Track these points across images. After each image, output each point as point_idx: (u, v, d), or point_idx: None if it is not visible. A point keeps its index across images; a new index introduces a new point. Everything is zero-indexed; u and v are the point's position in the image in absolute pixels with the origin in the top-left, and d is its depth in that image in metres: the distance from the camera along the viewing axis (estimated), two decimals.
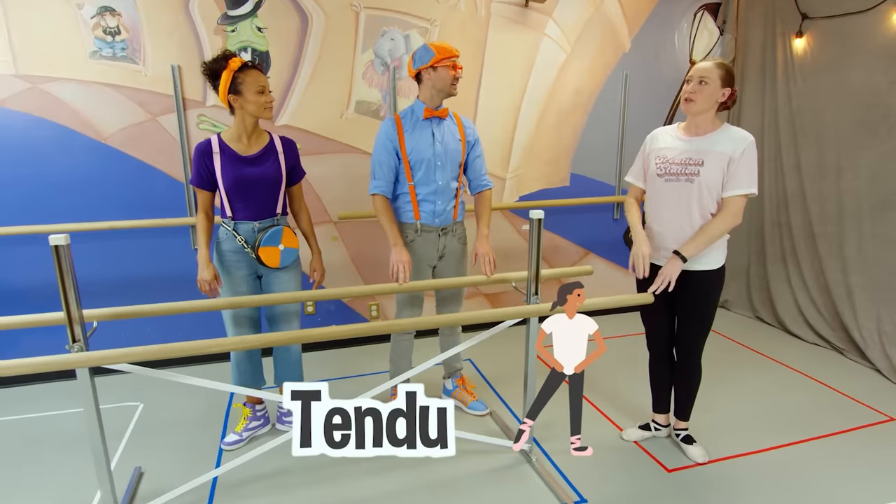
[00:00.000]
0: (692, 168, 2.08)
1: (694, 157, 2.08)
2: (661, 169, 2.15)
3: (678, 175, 2.11)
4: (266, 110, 2.25)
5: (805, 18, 3.50)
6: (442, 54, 2.34)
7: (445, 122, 2.48)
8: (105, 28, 2.90)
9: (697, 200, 2.11)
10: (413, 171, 2.44)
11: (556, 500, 2.13)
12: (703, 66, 2.06)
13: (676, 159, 2.12)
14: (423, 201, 2.47)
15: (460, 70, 2.40)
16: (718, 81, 2.04)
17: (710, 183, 2.07)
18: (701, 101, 2.05)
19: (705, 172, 2.06)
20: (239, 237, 2.30)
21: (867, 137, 3.19)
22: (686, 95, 2.08)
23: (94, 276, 3.10)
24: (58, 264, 1.67)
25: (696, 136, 2.12)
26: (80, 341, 1.75)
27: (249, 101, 2.20)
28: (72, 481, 2.28)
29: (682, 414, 2.45)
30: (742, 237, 4.09)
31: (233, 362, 2.44)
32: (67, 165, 2.98)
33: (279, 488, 2.23)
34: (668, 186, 2.14)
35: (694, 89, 2.06)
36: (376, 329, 2.02)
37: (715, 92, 2.04)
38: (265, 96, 2.23)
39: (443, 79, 2.37)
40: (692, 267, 2.17)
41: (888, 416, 2.72)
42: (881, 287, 3.17)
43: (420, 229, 2.50)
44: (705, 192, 2.09)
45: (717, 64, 2.06)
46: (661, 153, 2.18)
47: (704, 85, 2.04)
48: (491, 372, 3.22)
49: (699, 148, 2.08)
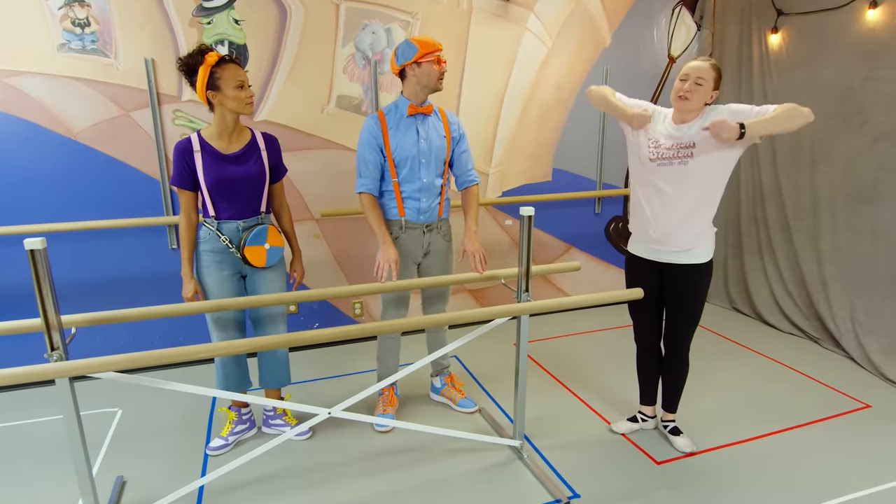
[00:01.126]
0: (685, 151, 2.10)
1: (684, 141, 2.11)
2: (654, 153, 2.16)
3: (671, 159, 2.12)
4: (247, 106, 2.18)
5: (780, 14, 3.56)
6: (426, 49, 2.30)
7: (430, 119, 2.45)
8: (74, 20, 2.78)
9: (693, 182, 2.10)
10: (397, 168, 2.40)
11: (548, 496, 2.14)
12: (700, 66, 2.07)
13: (667, 144, 2.14)
14: (407, 199, 2.44)
15: (445, 64, 2.37)
16: (712, 83, 2.07)
17: (706, 161, 2.07)
18: (695, 100, 2.07)
19: (698, 152, 2.07)
20: (223, 237, 2.24)
21: (841, 132, 3.27)
22: (682, 94, 2.08)
23: (66, 278, 2.98)
24: (34, 269, 1.59)
25: (684, 124, 2.14)
26: (60, 349, 1.67)
27: (229, 96, 2.13)
28: (50, 493, 2.19)
29: (669, 406, 2.49)
30: (719, 231, 4.11)
31: (218, 365, 2.38)
32: (35, 162, 2.85)
33: (269, 493, 2.18)
34: (662, 171, 2.15)
35: (690, 88, 2.07)
36: (365, 331, 1.98)
37: (708, 92, 2.08)
38: (245, 91, 2.16)
39: (428, 74, 2.33)
40: (681, 261, 2.19)
41: (864, 404, 2.80)
42: (854, 278, 3.26)
43: (404, 226, 2.47)
44: (700, 171, 2.08)
45: (713, 65, 2.08)
46: (655, 137, 2.18)
47: (700, 86, 2.06)
48: (478, 369, 3.21)
49: (688, 133, 2.11)
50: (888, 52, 3.01)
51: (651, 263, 2.28)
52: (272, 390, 2.53)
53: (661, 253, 2.23)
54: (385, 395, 2.70)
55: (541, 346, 3.52)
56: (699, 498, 2.13)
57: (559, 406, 2.81)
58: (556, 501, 2.11)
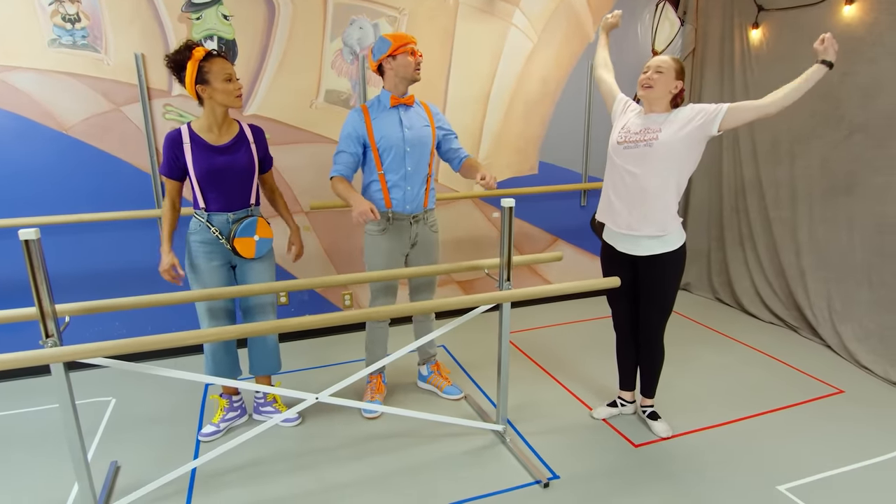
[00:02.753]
0: (651, 134, 2.20)
1: (652, 126, 2.22)
2: (622, 137, 2.28)
3: (637, 142, 2.22)
4: (236, 98, 2.24)
5: (761, 10, 3.63)
6: (399, 41, 2.39)
7: (412, 109, 2.53)
8: (64, 15, 2.81)
9: (657, 164, 2.18)
10: (382, 157, 2.46)
11: (529, 477, 2.22)
12: (661, 57, 2.24)
13: (635, 129, 2.26)
14: (393, 187, 2.49)
15: (420, 56, 2.44)
16: (673, 73, 2.19)
17: (670, 143, 2.16)
18: (658, 87, 2.19)
19: (664, 136, 2.17)
20: (213, 228, 2.30)
21: (818, 127, 3.35)
22: (645, 82, 2.21)
23: (59, 269, 3.03)
24: (28, 259, 1.65)
25: (652, 113, 2.25)
26: (54, 336, 1.73)
27: (218, 89, 2.19)
28: (45, 479, 2.25)
29: (647, 391, 2.57)
30: (702, 223, 4.25)
31: (208, 354, 2.44)
32: (28, 156, 2.89)
33: (259, 477, 2.25)
34: (627, 154, 2.25)
35: (652, 76, 2.20)
36: (351, 318, 2.05)
37: (670, 81, 2.19)
38: (233, 84, 2.22)
39: (404, 66, 2.40)
40: (653, 251, 2.27)
41: (838, 389, 2.90)
42: (831, 268, 3.35)
43: (392, 217, 2.53)
44: (664, 153, 2.17)
45: (672, 58, 2.23)
46: (627, 125, 2.30)
47: (661, 74, 2.18)
48: (464, 357, 3.29)
49: (656, 120, 2.23)
50: (864, 48, 3.08)
51: (624, 256, 2.36)
52: (262, 378, 2.59)
53: (631, 243, 2.31)
54: (373, 383, 2.77)
55: (526, 336, 3.60)
56: (673, 477, 2.22)
57: (543, 393, 2.89)
58: (536, 482, 2.19)
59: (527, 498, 2.12)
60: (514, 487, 2.17)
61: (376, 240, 2.56)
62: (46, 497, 2.15)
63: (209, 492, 2.17)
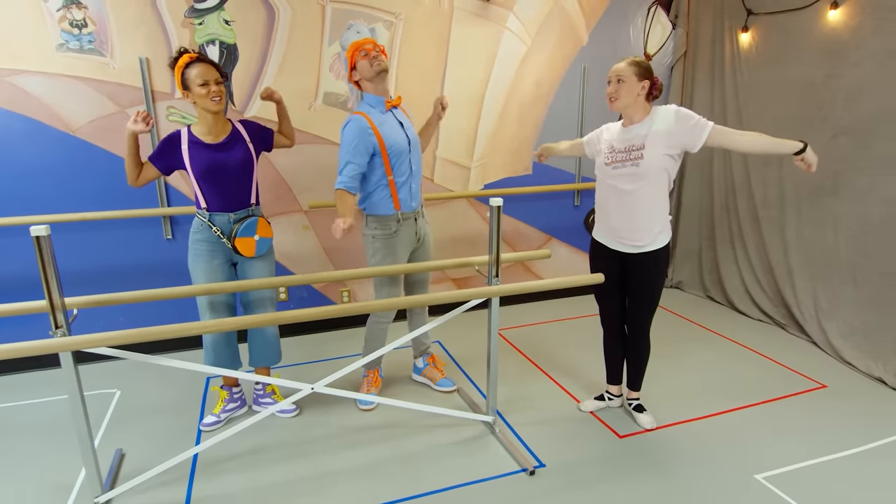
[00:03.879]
0: (636, 153, 2.26)
1: (636, 142, 2.27)
2: (609, 158, 2.34)
3: (624, 161, 2.29)
4: (211, 102, 2.27)
5: (750, 14, 3.71)
6: (351, 50, 2.50)
7: (398, 109, 2.62)
8: (71, 21, 2.92)
9: (646, 181, 2.27)
10: (391, 161, 2.51)
11: (516, 465, 2.31)
12: (618, 66, 2.26)
13: (620, 146, 2.32)
14: (401, 188, 2.57)
15: (374, 52, 2.47)
16: (634, 77, 2.22)
17: (654, 160, 2.24)
18: (623, 97, 2.24)
19: (648, 153, 2.24)
20: (215, 228, 2.40)
21: (804, 128, 3.43)
22: (609, 95, 2.27)
23: (66, 266, 3.13)
24: (39, 254, 1.75)
25: (633, 124, 2.31)
26: (63, 327, 1.83)
27: (194, 93, 2.28)
28: (54, 465, 2.36)
29: (633, 385, 2.66)
30: (694, 222, 4.33)
31: (209, 346, 2.53)
32: (36, 157, 3.00)
33: (257, 464, 2.35)
34: (617, 174, 2.32)
35: (614, 88, 2.25)
36: (347, 310, 2.14)
37: (633, 87, 2.23)
38: (208, 88, 2.26)
39: (363, 69, 2.48)
40: (638, 249, 2.36)
41: (821, 384, 2.98)
42: (817, 266, 3.43)
43: (401, 218, 2.60)
44: (652, 173, 2.26)
45: (630, 62, 2.24)
46: (609, 143, 2.37)
47: (622, 83, 2.23)
48: (459, 353, 3.38)
49: (638, 133, 2.28)
50: (848, 51, 3.16)
51: (613, 252, 2.45)
52: (262, 369, 2.69)
53: (621, 244, 2.40)
54: (370, 377, 2.87)
55: (519, 332, 3.69)
56: (654, 466, 2.31)
57: (533, 387, 2.98)
58: (523, 470, 2.28)
59: (513, 485, 2.21)
60: (501, 475, 2.26)
61: (388, 242, 2.60)
62: (55, 481, 2.26)
63: (209, 477, 2.27)
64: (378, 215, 2.58)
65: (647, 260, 2.37)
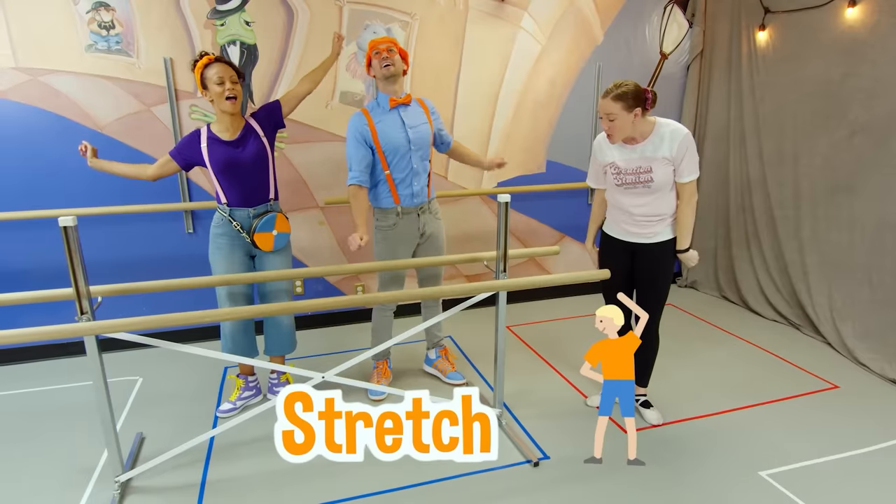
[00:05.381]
0: (645, 175, 2.32)
1: (643, 165, 2.31)
2: (619, 180, 2.38)
3: (634, 184, 2.35)
4: (224, 101, 2.36)
5: (767, 12, 3.69)
6: (367, 51, 2.60)
7: (411, 108, 2.66)
8: (100, 23, 3.05)
9: (661, 198, 2.35)
10: (388, 158, 2.61)
11: (521, 457, 2.36)
12: (604, 104, 2.24)
13: (628, 169, 2.35)
14: (400, 184, 2.64)
15: (385, 54, 2.55)
16: (623, 112, 2.22)
17: (664, 183, 2.32)
18: (618, 132, 2.27)
19: (657, 177, 2.30)
20: (235, 223, 2.49)
21: (821, 126, 3.40)
22: (606, 131, 2.32)
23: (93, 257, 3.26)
24: (66, 243, 1.85)
25: (637, 143, 2.33)
26: (88, 313, 1.93)
27: (211, 91, 2.38)
28: (77, 447, 2.48)
29: (641, 380, 2.67)
30: (710, 223, 4.31)
31: (227, 335, 2.62)
32: (66, 154, 3.13)
33: (270, 449, 2.39)
34: (629, 193, 2.38)
35: (607, 126, 2.28)
36: (358, 301, 2.22)
37: (625, 120, 2.23)
38: (222, 86, 2.35)
39: (375, 68, 2.60)
40: (646, 241, 2.39)
41: (833, 384, 2.96)
42: (832, 266, 3.40)
43: (401, 212, 2.68)
44: (666, 189, 2.34)
45: (614, 97, 2.21)
46: (613, 165, 2.39)
47: (613, 121, 2.25)
48: (470, 348, 3.43)
49: (643, 155, 2.31)
50: (866, 49, 3.13)
51: (622, 244, 2.48)
52: (277, 358, 2.78)
53: (632, 234, 2.44)
54: (379, 368, 2.94)
55: (529, 328, 3.73)
56: (658, 461, 2.33)
57: (541, 382, 3.02)
58: (527, 461, 2.33)
59: (516, 475, 2.26)
60: (506, 466, 2.31)
61: (387, 234, 2.71)
62: (79, 463, 2.37)
63: (225, 461, 2.36)
64: (381, 207, 2.69)
65: (655, 250, 2.40)
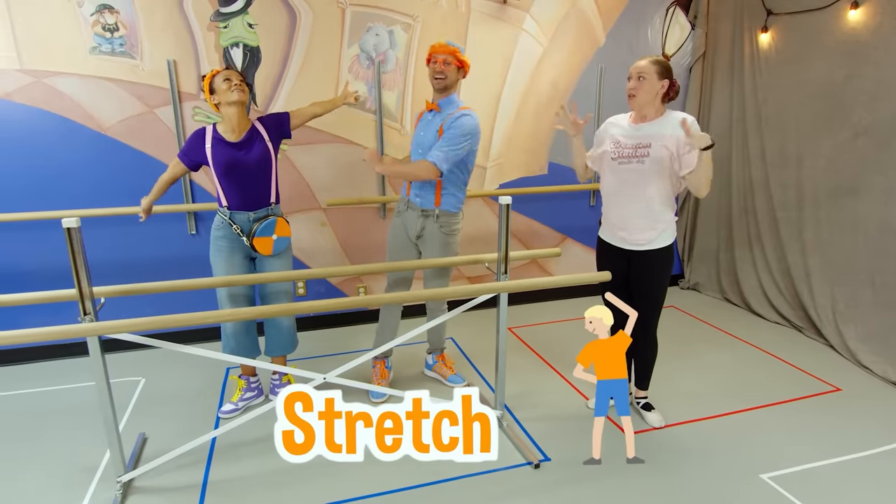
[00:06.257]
0: (642, 150, 2.31)
1: (643, 141, 2.31)
2: (616, 153, 2.37)
3: (630, 157, 2.33)
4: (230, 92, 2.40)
5: (770, 14, 3.68)
6: (428, 52, 2.63)
7: (439, 115, 2.63)
8: (104, 25, 3.07)
9: (651, 178, 2.31)
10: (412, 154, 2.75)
11: (522, 459, 2.36)
12: (641, 63, 2.29)
13: (628, 144, 2.35)
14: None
15: (439, 62, 2.57)
16: (655, 76, 2.26)
17: (659, 160, 2.28)
18: (642, 94, 2.28)
19: (653, 152, 2.28)
20: (235, 226, 2.50)
21: (824, 128, 3.40)
22: (629, 91, 2.30)
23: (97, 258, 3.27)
24: (70, 245, 1.86)
25: (643, 122, 2.34)
26: (91, 314, 1.94)
27: (218, 92, 2.42)
28: (80, 447, 2.49)
29: (641, 383, 2.68)
30: (712, 224, 4.30)
31: (229, 335, 2.64)
32: (70, 155, 3.16)
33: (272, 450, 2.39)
34: (623, 169, 2.36)
35: (634, 85, 2.28)
36: (360, 302, 2.23)
37: (654, 85, 2.26)
38: (228, 82, 2.41)
39: (430, 75, 2.64)
40: (641, 247, 2.39)
41: (835, 387, 2.95)
42: (835, 268, 3.39)
43: (408, 204, 2.74)
44: (656, 168, 2.30)
45: (653, 61, 2.28)
46: (616, 138, 2.40)
47: (643, 80, 2.26)
48: (472, 350, 3.44)
49: (647, 133, 2.32)
50: (868, 51, 3.13)
51: (618, 251, 2.48)
52: (278, 359, 2.79)
53: (625, 241, 2.43)
54: (377, 369, 2.94)
55: (531, 330, 3.73)
56: (659, 463, 2.33)
57: (543, 384, 3.02)
58: (527, 463, 2.33)
59: (517, 477, 2.26)
60: (507, 467, 2.31)
61: (394, 219, 2.82)
62: (81, 462, 2.38)
63: (226, 461, 2.37)
64: None
65: (650, 258, 2.39)
